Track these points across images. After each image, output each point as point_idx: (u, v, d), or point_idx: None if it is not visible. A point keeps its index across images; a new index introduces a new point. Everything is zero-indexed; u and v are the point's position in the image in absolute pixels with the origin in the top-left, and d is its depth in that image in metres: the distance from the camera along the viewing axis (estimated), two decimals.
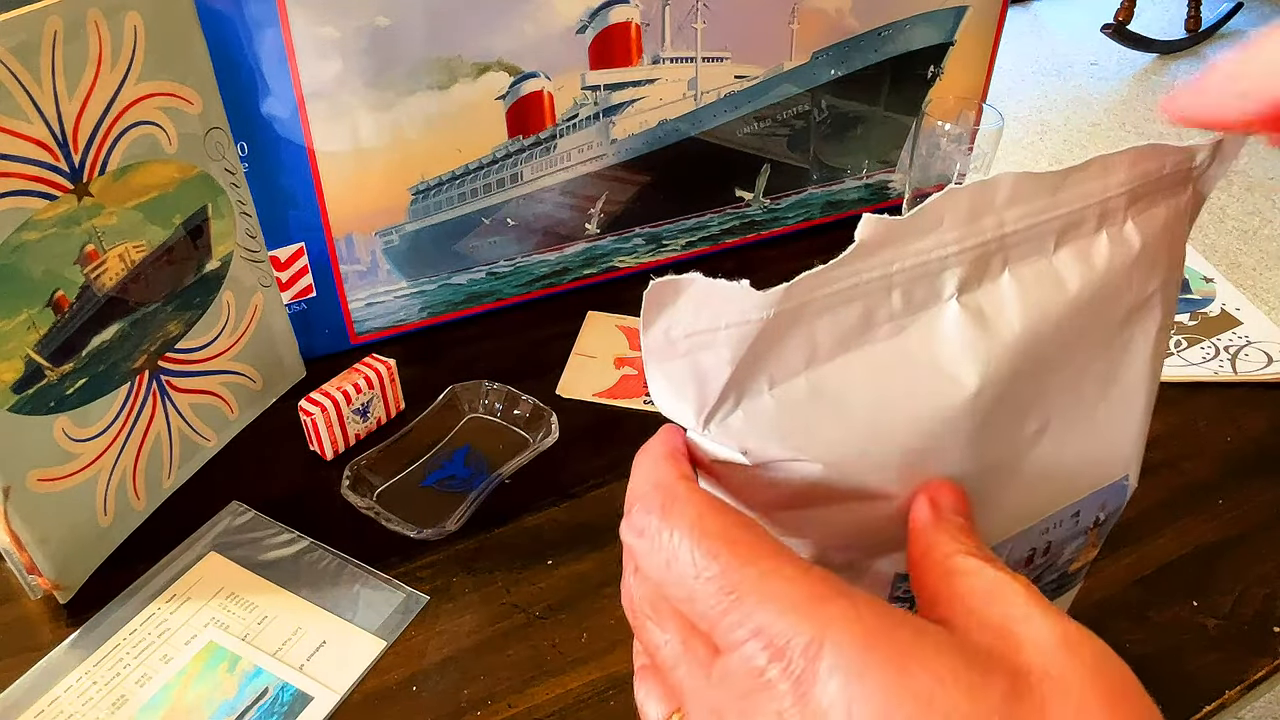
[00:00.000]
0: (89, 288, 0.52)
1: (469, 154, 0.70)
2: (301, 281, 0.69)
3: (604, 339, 0.74)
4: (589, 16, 0.68)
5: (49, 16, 0.47)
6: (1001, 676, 0.22)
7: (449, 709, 0.50)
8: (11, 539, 0.52)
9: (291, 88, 0.61)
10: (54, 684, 0.51)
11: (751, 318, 0.25)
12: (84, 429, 0.54)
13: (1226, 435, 0.66)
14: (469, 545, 0.58)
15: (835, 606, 0.23)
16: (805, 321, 0.26)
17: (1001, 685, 0.22)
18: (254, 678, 0.51)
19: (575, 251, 0.78)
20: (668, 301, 0.25)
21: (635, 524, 0.26)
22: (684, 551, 0.24)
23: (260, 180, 0.63)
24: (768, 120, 0.78)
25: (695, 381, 0.26)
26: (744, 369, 0.26)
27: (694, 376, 0.26)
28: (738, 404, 0.26)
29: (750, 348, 0.25)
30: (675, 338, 0.26)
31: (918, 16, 0.78)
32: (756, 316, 0.25)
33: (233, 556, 0.57)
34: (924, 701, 0.21)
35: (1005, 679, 0.22)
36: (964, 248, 0.27)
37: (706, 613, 0.24)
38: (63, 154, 0.49)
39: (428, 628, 0.54)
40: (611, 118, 0.73)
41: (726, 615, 0.23)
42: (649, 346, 0.26)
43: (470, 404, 0.67)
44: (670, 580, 0.25)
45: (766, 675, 0.22)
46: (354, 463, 0.61)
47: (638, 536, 0.25)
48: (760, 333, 0.25)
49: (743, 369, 0.26)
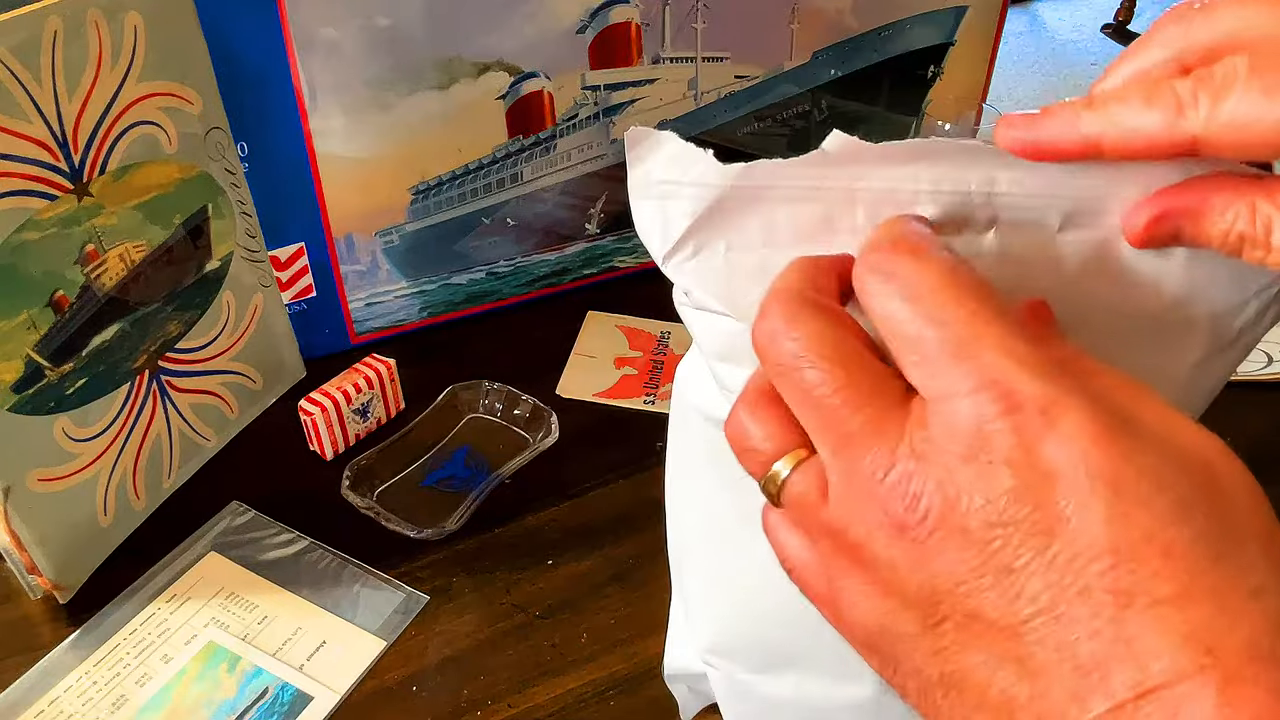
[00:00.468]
0: (89, 288, 0.52)
1: (469, 154, 0.70)
2: (301, 281, 0.69)
3: (604, 339, 0.74)
4: (589, 16, 0.68)
5: (49, 16, 0.47)
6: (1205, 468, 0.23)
7: (449, 709, 0.50)
8: (11, 539, 0.52)
9: (291, 88, 0.61)
10: (54, 684, 0.51)
11: (711, 182, 0.28)
12: (84, 429, 0.54)
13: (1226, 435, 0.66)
14: (469, 545, 0.58)
15: (1076, 375, 0.23)
16: (765, 205, 0.28)
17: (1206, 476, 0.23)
18: (254, 678, 0.51)
19: (575, 251, 0.78)
20: (646, 151, 0.29)
21: (876, 262, 0.25)
22: (933, 292, 0.24)
23: (260, 180, 0.63)
24: (768, 120, 0.78)
25: (661, 222, 0.30)
26: (701, 225, 0.29)
27: (661, 218, 0.29)
28: (695, 254, 0.29)
29: (708, 209, 0.29)
30: (651, 181, 0.29)
31: (918, 16, 0.78)
32: (715, 183, 0.28)
33: (233, 556, 0.57)
34: (1153, 479, 0.22)
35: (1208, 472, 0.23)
36: (939, 189, 0.28)
37: (935, 355, 0.23)
38: (63, 154, 0.49)
39: (428, 628, 0.54)
40: (611, 118, 0.73)
41: (961, 362, 0.23)
42: (632, 184, 0.30)
43: (470, 404, 0.67)
44: (903, 316, 0.24)
45: (992, 425, 0.22)
46: (354, 463, 0.61)
47: (871, 271, 0.25)
48: (718, 199, 0.28)
49: (700, 224, 0.29)
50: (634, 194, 0.30)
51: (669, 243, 0.30)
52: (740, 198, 0.28)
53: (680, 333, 0.73)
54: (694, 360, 0.36)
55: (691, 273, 0.30)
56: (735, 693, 0.42)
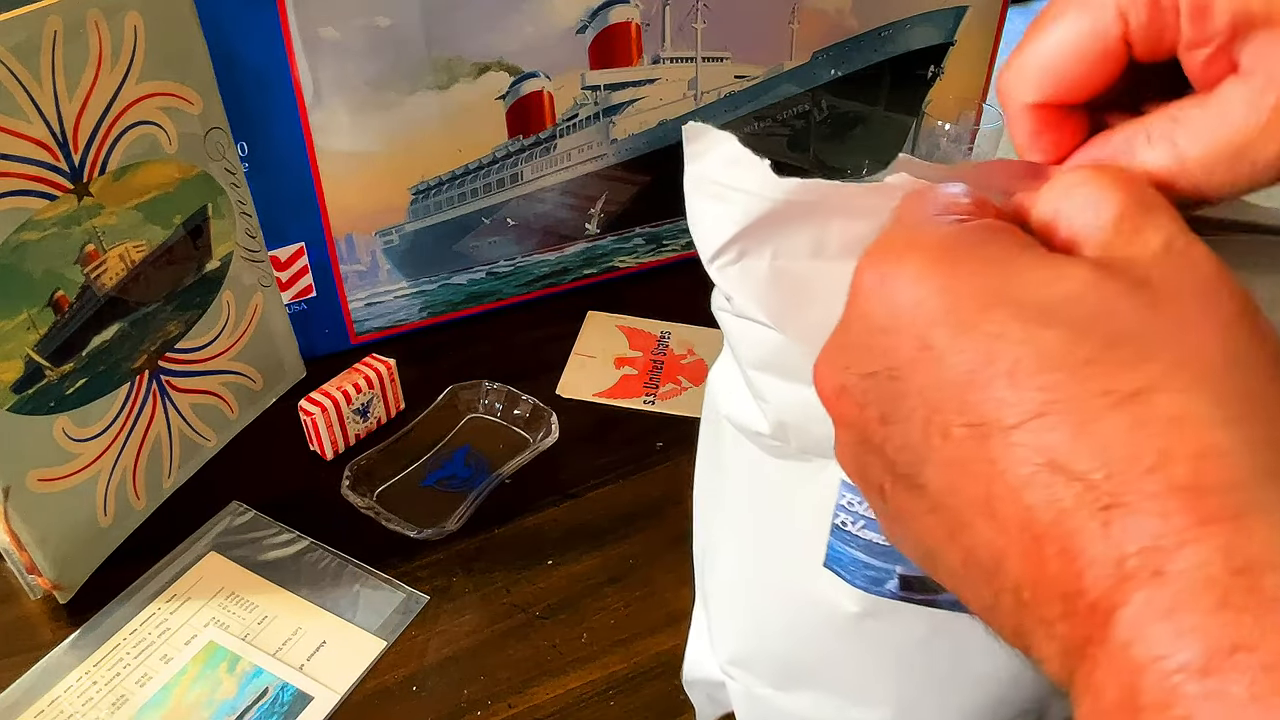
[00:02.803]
0: (89, 288, 0.52)
1: (469, 154, 0.70)
2: (301, 281, 0.69)
3: (604, 339, 0.73)
4: (589, 16, 0.68)
5: (49, 16, 0.47)
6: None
7: (449, 709, 0.50)
8: (11, 539, 0.52)
9: (291, 88, 0.61)
10: (54, 684, 0.51)
11: (765, 195, 0.27)
12: (84, 429, 0.54)
13: None
14: (469, 545, 0.58)
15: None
16: (818, 217, 0.27)
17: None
18: (254, 678, 0.51)
19: (575, 251, 0.78)
20: (704, 149, 0.29)
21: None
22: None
23: (260, 180, 0.63)
24: (768, 120, 0.78)
25: (710, 223, 0.29)
26: (750, 232, 0.28)
27: (711, 218, 0.29)
28: (740, 259, 0.29)
29: (758, 219, 0.28)
30: (705, 180, 0.29)
31: (918, 16, 0.78)
32: (769, 195, 0.27)
33: (233, 556, 0.57)
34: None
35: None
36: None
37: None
38: (63, 154, 0.49)
39: (428, 628, 0.54)
40: (611, 118, 0.73)
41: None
42: (687, 178, 0.29)
43: (470, 404, 0.67)
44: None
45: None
46: (354, 463, 0.61)
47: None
48: (769, 211, 0.27)
49: (749, 232, 0.28)
50: (688, 190, 0.30)
51: (716, 245, 0.29)
52: (794, 212, 0.28)
53: (680, 332, 0.73)
54: (727, 368, 0.35)
55: (735, 278, 0.29)
56: (752, 705, 0.42)
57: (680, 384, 0.69)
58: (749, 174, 0.28)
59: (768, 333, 0.30)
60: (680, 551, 0.58)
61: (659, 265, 0.81)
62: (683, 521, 0.60)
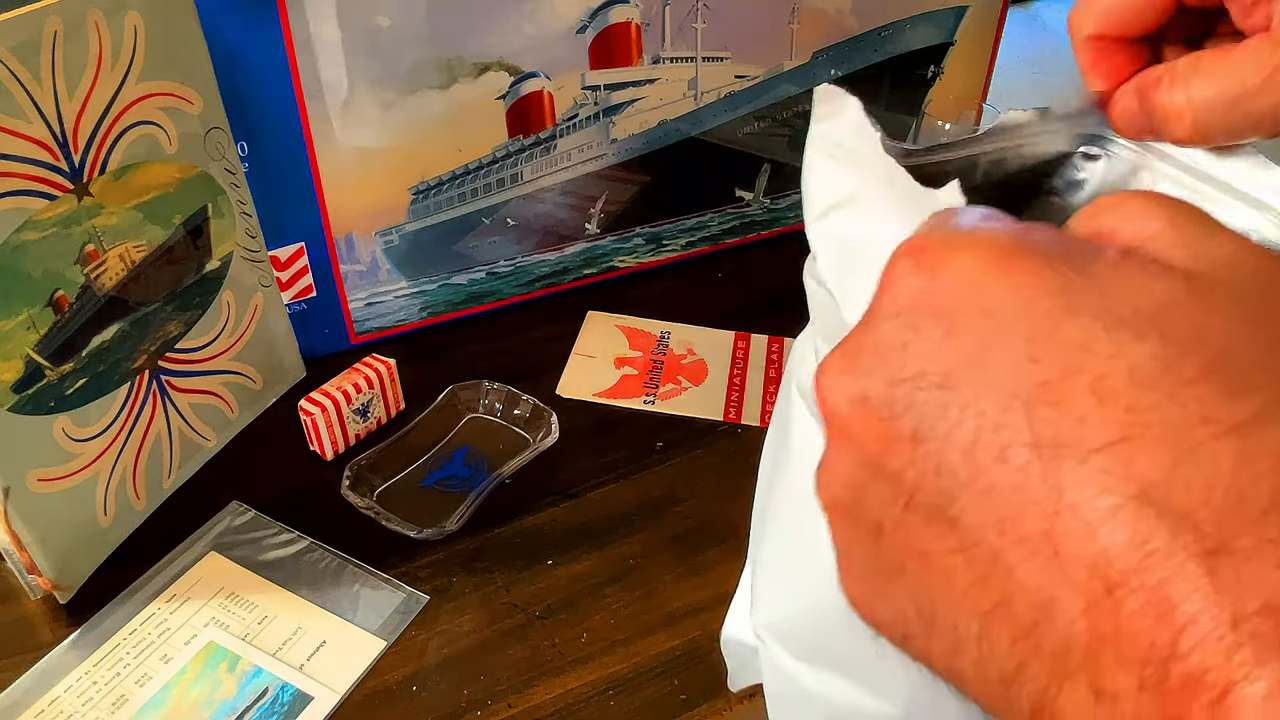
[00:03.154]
0: (89, 288, 0.52)
1: (469, 154, 0.70)
2: (301, 281, 0.69)
3: (604, 339, 0.73)
4: (589, 16, 0.68)
5: (49, 16, 0.47)
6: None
7: (449, 709, 0.50)
8: (11, 539, 0.52)
9: (291, 88, 0.61)
10: (54, 684, 0.51)
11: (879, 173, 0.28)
12: (84, 429, 0.54)
13: None
14: (469, 545, 0.58)
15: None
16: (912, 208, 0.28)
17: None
18: (254, 678, 0.51)
19: (575, 251, 0.78)
20: (832, 111, 0.30)
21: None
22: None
23: (260, 180, 0.63)
24: (768, 120, 0.78)
25: (821, 182, 0.30)
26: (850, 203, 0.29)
27: (823, 176, 0.30)
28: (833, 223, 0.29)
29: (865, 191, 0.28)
30: (829, 139, 0.30)
31: (918, 16, 0.78)
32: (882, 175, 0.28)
33: (233, 556, 0.57)
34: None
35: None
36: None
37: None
38: (63, 154, 0.49)
39: (428, 628, 0.54)
40: (611, 118, 0.73)
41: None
42: (810, 136, 0.30)
43: (470, 404, 0.67)
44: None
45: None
46: (354, 463, 0.61)
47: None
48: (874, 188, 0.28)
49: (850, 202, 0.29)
50: (810, 147, 0.30)
51: (820, 205, 0.30)
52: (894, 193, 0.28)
53: (680, 333, 0.73)
54: (807, 336, 0.36)
55: (822, 240, 0.30)
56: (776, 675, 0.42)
57: (680, 384, 0.70)
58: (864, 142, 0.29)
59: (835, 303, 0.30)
60: (680, 551, 0.58)
61: (659, 265, 0.81)
62: (683, 521, 0.60)
